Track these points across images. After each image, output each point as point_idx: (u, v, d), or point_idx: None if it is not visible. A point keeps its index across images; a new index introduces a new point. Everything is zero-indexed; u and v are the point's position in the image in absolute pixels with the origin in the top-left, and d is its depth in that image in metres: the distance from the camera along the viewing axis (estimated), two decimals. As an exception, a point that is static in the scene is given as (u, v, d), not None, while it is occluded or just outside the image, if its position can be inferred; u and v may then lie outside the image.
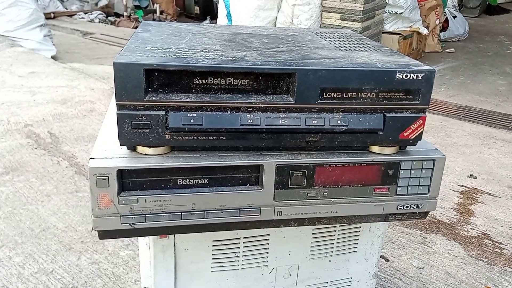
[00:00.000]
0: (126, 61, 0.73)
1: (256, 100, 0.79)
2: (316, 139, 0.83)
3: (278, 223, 0.88)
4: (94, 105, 3.15)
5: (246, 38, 1.00)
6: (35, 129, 2.72)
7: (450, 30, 5.76)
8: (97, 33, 6.07)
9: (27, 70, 3.85)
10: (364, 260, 1.14)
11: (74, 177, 2.20)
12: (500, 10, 8.02)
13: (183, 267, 0.99)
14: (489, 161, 2.62)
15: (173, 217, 0.82)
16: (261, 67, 0.77)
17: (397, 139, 0.85)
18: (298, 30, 1.18)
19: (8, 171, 2.23)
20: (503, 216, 2.06)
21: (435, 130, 3.05)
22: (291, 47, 0.93)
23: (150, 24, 1.10)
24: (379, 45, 1.02)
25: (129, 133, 0.77)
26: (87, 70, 4.10)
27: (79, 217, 1.88)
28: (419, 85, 0.82)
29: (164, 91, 0.77)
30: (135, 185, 0.80)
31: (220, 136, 0.80)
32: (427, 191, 0.90)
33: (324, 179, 0.85)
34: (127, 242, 1.74)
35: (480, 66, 4.77)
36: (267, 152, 0.84)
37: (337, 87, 0.80)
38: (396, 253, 1.77)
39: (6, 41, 4.54)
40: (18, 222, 1.84)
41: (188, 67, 0.75)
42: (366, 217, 0.92)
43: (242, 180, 0.83)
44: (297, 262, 1.08)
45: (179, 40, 0.92)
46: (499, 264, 1.73)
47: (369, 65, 0.81)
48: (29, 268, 1.59)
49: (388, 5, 4.46)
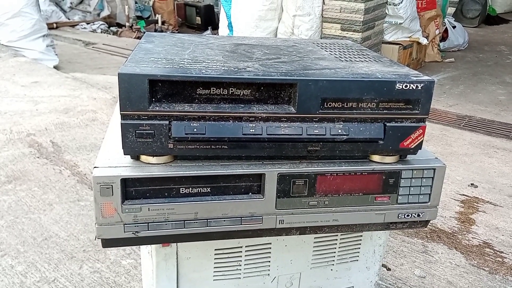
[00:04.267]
0: (130, 72, 0.75)
1: (258, 110, 0.80)
2: (317, 148, 0.84)
3: (280, 232, 0.89)
4: (96, 114, 3.17)
5: (248, 49, 1.01)
6: (38, 138, 2.74)
7: (450, 40, 5.79)
8: (99, 43, 6.11)
9: (30, 80, 3.87)
10: (365, 269, 1.14)
11: (76, 186, 2.21)
12: (499, 20, 8.07)
13: (185, 275, 1.00)
14: (490, 170, 2.63)
15: (176, 225, 0.82)
16: (263, 77, 0.79)
17: (397, 148, 0.86)
18: (299, 41, 1.19)
19: (11, 180, 2.24)
20: (504, 225, 2.06)
21: (435, 139, 3.06)
22: (292, 58, 0.95)
23: (153, 35, 1.12)
24: (379, 56, 1.03)
25: (133, 142, 0.78)
26: (89, 80, 4.13)
27: (81, 226, 1.89)
28: (418, 95, 0.83)
29: (168, 101, 0.78)
30: (138, 194, 0.81)
31: (223, 145, 0.81)
32: (428, 200, 0.91)
33: (326, 187, 0.86)
34: (129, 251, 1.74)
35: (480, 76, 4.79)
36: (269, 161, 0.85)
37: (337, 97, 0.81)
38: (397, 262, 1.77)
39: (9, 51, 4.58)
40: (21, 231, 1.84)
41: (191, 77, 0.76)
42: (367, 226, 0.92)
43: (244, 189, 0.84)
44: (299, 271, 1.08)
45: (182, 51, 0.94)
46: (501, 273, 1.73)
47: (369, 75, 0.83)
48: (31, 277, 1.59)
49: (388, 15, 4.50)
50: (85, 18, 7.41)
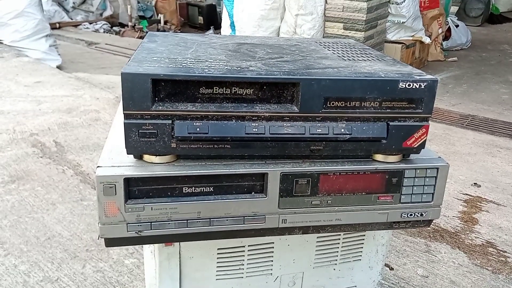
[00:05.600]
0: (133, 71, 0.75)
1: (261, 109, 0.80)
2: (320, 147, 0.84)
3: (283, 231, 0.89)
4: (99, 114, 3.18)
5: (251, 48, 1.01)
6: (41, 138, 2.74)
7: (453, 39, 5.78)
8: (102, 43, 6.12)
9: (33, 80, 3.88)
10: (368, 269, 1.14)
11: (79, 185, 2.21)
12: (503, 19, 8.04)
13: (188, 275, 1.00)
14: (493, 170, 2.62)
15: (179, 225, 0.82)
16: (265, 76, 0.79)
17: (400, 147, 0.86)
18: (302, 40, 1.19)
19: (14, 179, 2.25)
20: (508, 224, 2.06)
21: (438, 139, 3.05)
22: (295, 57, 0.95)
23: (156, 35, 1.12)
24: (382, 55, 1.03)
25: (136, 142, 0.78)
26: (92, 80, 4.14)
27: (84, 226, 1.89)
28: (422, 94, 0.83)
29: (171, 100, 0.78)
30: (141, 193, 0.81)
31: (226, 145, 0.81)
32: (431, 199, 0.91)
33: (328, 187, 0.86)
34: (131, 250, 1.74)
35: (483, 75, 4.78)
36: (272, 160, 0.85)
37: (340, 96, 0.81)
38: (400, 261, 1.77)
39: (12, 51, 4.59)
40: (24, 230, 1.85)
41: (194, 77, 0.76)
42: (370, 225, 0.92)
43: (247, 188, 0.84)
44: (302, 270, 1.08)
45: (184, 51, 0.94)
46: (504, 272, 1.72)
47: (372, 74, 0.82)
48: (35, 276, 1.59)
49: (391, 14, 4.49)
50: (87, 18, 7.43)
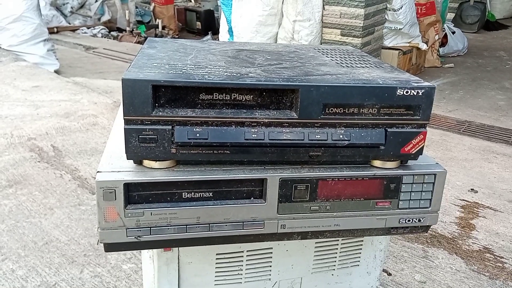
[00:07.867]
0: (134, 77, 0.75)
1: (260, 115, 0.81)
2: (319, 153, 0.84)
3: (282, 236, 0.89)
4: (97, 119, 3.18)
5: (250, 55, 1.02)
6: (38, 143, 2.74)
7: (449, 45, 5.81)
8: (99, 47, 6.13)
9: (31, 84, 3.88)
10: (366, 274, 1.15)
11: (77, 190, 2.21)
12: (499, 26, 8.09)
13: (187, 280, 1.00)
14: (490, 176, 2.63)
15: (178, 230, 0.83)
16: (265, 83, 0.79)
17: (398, 153, 0.87)
18: (300, 47, 1.20)
19: (12, 184, 2.24)
20: (505, 230, 2.06)
21: (435, 145, 3.07)
22: (294, 64, 0.96)
23: (155, 41, 1.13)
24: (380, 62, 1.04)
25: (136, 147, 0.79)
26: (90, 84, 4.14)
27: (82, 230, 1.89)
28: (419, 101, 0.83)
29: (171, 106, 0.79)
30: (141, 198, 0.81)
31: (225, 150, 0.82)
32: (429, 205, 0.92)
33: (327, 192, 0.87)
34: (129, 255, 1.74)
35: (479, 81, 4.81)
36: (271, 166, 0.86)
37: (339, 102, 0.82)
38: (398, 267, 1.77)
39: (10, 55, 4.59)
40: (21, 235, 1.84)
41: (194, 83, 0.77)
42: (369, 231, 0.93)
43: (246, 194, 0.85)
44: (300, 276, 1.08)
45: (184, 57, 0.94)
46: (501, 278, 1.73)
47: (370, 81, 0.83)
48: (32, 281, 1.59)
49: (388, 21, 4.52)
50: (85, 22, 7.43)
